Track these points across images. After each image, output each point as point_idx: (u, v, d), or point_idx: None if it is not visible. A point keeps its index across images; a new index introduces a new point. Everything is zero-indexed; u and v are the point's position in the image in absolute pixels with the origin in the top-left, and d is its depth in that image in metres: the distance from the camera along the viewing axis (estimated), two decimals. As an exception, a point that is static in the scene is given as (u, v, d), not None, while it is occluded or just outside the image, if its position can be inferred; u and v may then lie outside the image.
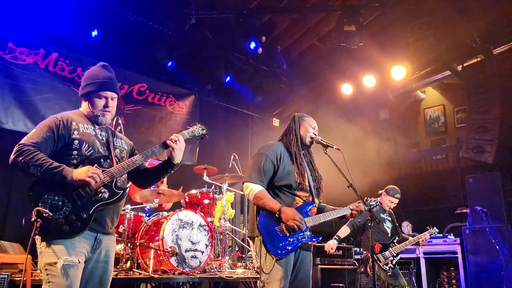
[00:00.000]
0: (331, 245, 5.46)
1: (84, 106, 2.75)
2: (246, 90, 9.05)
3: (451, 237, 7.40)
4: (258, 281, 5.55)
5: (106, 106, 2.70)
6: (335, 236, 5.47)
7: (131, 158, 2.66)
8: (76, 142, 2.53)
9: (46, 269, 2.34)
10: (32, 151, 2.38)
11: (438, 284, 7.63)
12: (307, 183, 3.19)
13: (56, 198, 2.37)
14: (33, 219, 2.33)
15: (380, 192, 5.72)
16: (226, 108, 9.29)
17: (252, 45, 7.43)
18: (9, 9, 6.25)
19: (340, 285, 6.66)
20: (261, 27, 7.58)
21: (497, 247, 6.58)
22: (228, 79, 8.33)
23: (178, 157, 2.78)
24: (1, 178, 6.27)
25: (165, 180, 6.12)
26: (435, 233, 5.75)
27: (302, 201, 3.14)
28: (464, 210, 8.02)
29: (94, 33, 6.75)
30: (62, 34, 6.75)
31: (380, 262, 5.19)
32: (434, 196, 9.15)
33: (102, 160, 2.56)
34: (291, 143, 3.27)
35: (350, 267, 7.08)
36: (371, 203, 3.35)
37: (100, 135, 2.70)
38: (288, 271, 2.95)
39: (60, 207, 2.37)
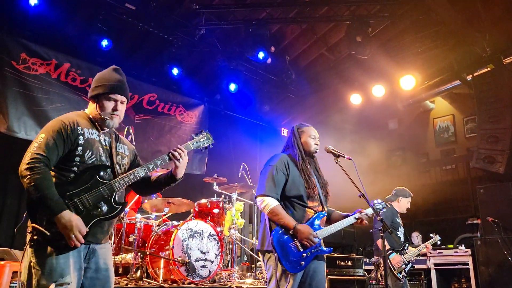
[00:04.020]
0: (396, 259, 5.12)
1: (92, 108, 2.65)
2: (255, 100, 9.09)
3: (462, 248, 7.30)
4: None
5: (115, 109, 2.62)
6: (388, 252, 5.12)
7: (133, 170, 2.60)
8: (80, 148, 2.45)
9: None
10: (42, 170, 2.29)
11: (450, 296, 7.53)
12: (317, 192, 3.20)
13: None
14: (29, 230, 2.30)
15: (387, 197, 5.59)
16: (235, 118, 9.32)
17: (261, 55, 7.46)
18: (22, 21, 6.36)
19: (350, 296, 6.59)
20: (270, 37, 7.61)
21: (509, 258, 6.48)
22: (237, 89, 8.37)
23: (181, 173, 2.77)
24: (13, 187, 6.33)
25: None
26: (438, 240, 5.71)
27: (313, 211, 3.14)
28: (475, 221, 7.93)
29: (105, 42, 6.83)
30: (73, 44, 6.86)
31: (395, 270, 5.06)
32: (444, 207, 9.05)
33: (102, 171, 2.49)
34: (296, 155, 3.27)
35: (360, 277, 7.00)
36: (377, 207, 3.35)
37: (104, 140, 2.63)
38: (296, 284, 2.97)
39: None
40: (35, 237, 2.28)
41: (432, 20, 7.37)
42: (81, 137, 2.48)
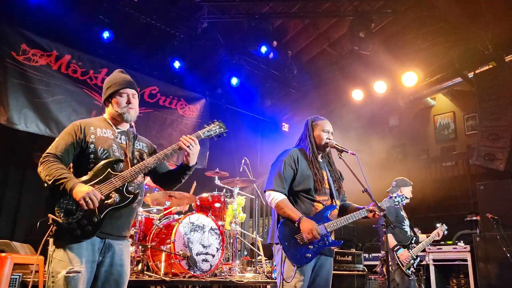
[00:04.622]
0: (404, 255, 5.04)
1: (109, 110, 2.81)
2: (256, 95, 9.06)
3: (461, 244, 7.34)
4: (268, 286, 5.55)
5: (128, 102, 2.76)
6: (396, 248, 5.05)
7: (144, 161, 2.67)
8: (92, 146, 2.59)
9: (52, 276, 2.40)
10: (51, 161, 2.49)
11: (448, 292, 7.56)
12: (326, 186, 3.19)
13: (71, 202, 2.43)
14: (49, 222, 2.40)
15: (389, 189, 5.55)
16: (236, 112, 9.30)
17: (264, 49, 7.44)
18: (23, 11, 6.31)
19: (350, 291, 6.62)
20: (272, 32, 7.59)
21: (508, 255, 6.51)
22: (238, 83, 8.34)
23: (193, 160, 2.80)
24: (13, 179, 6.30)
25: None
26: (444, 230, 5.65)
27: (322, 205, 3.13)
28: (474, 218, 7.95)
29: (106, 34, 6.79)
30: (74, 36, 6.82)
31: (403, 266, 4.97)
32: (443, 203, 9.07)
33: (115, 164, 2.59)
34: (307, 148, 3.28)
35: (359, 272, 7.03)
36: (395, 200, 3.36)
37: (120, 138, 2.75)
38: (306, 279, 2.96)
39: (73, 212, 2.43)
40: (54, 228, 2.40)
41: (435, 16, 7.35)
42: (92, 136, 2.62)
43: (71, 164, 2.64)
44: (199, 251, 4.88)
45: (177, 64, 7.62)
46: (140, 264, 4.90)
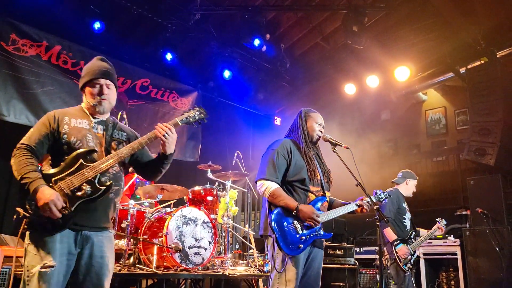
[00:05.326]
0: (403, 250, 4.90)
1: (84, 99, 2.74)
2: (248, 88, 9.02)
3: (451, 238, 7.41)
4: (259, 279, 5.56)
5: (100, 93, 2.66)
6: (395, 242, 4.92)
7: (117, 151, 2.59)
8: (64, 137, 2.53)
9: (27, 270, 2.37)
10: (22, 154, 2.43)
11: (437, 285, 7.63)
12: (318, 177, 3.19)
13: None
14: (21, 215, 2.36)
15: (394, 180, 5.49)
16: (228, 105, 9.26)
17: (256, 42, 7.38)
18: (12, 0, 6.19)
19: (341, 284, 6.65)
20: (265, 25, 7.54)
21: (497, 248, 6.59)
22: (231, 76, 8.29)
23: (170, 149, 2.71)
24: (2, 171, 6.21)
25: None
26: (444, 224, 5.48)
27: (315, 196, 3.13)
28: (464, 212, 8.02)
29: (97, 25, 6.71)
30: (65, 26, 6.71)
31: (400, 262, 4.86)
32: (434, 198, 9.13)
33: (87, 155, 2.51)
34: (299, 139, 3.26)
35: (351, 266, 7.08)
36: (380, 196, 3.34)
37: (96, 128, 2.66)
38: (299, 271, 2.94)
39: None
40: (27, 221, 2.35)
41: (427, 11, 7.36)
42: (66, 126, 2.56)
43: (49, 156, 2.57)
44: (191, 244, 4.86)
45: (169, 56, 7.55)
46: (132, 257, 4.87)
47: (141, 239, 4.84)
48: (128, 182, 5.74)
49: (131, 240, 4.91)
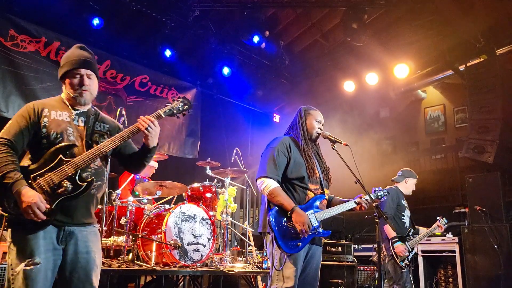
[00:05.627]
0: (400, 248, 4.91)
1: (64, 90, 2.62)
2: (248, 85, 9.01)
3: (450, 236, 7.42)
4: (258, 276, 5.57)
5: (81, 84, 2.55)
6: (394, 239, 4.94)
7: (98, 146, 2.50)
8: (44, 130, 2.43)
9: (11, 269, 2.31)
10: (1, 150, 2.33)
11: (435, 283, 7.65)
12: (317, 175, 3.19)
13: None
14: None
15: (393, 178, 5.50)
16: (227, 102, 9.25)
17: (256, 39, 7.38)
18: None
19: (339, 281, 6.66)
20: (265, 21, 7.53)
21: (495, 246, 6.60)
22: (230, 73, 8.28)
23: (153, 142, 2.64)
24: None
25: None
26: (444, 223, 5.48)
27: (313, 194, 3.13)
28: (462, 210, 8.03)
29: (96, 21, 6.70)
30: (64, 22, 6.70)
31: (398, 258, 4.90)
32: (432, 195, 9.14)
33: (67, 150, 2.43)
34: (298, 136, 3.26)
35: (349, 263, 7.09)
36: (379, 194, 3.35)
37: (77, 120, 2.57)
38: (298, 268, 2.94)
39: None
40: (7, 219, 2.32)
41: (427, 9, 7.34)
42: (45, 119, 2.46)
43: (27, 151, 2.48)
44: (190, 241, 4.87)
45: (168, 53, 7.54)
46: (131, 254, 4.87)
47: (140, 236, 4.84)
48: (128, 177, 5.74)
49: (130, 236, 4.91)
